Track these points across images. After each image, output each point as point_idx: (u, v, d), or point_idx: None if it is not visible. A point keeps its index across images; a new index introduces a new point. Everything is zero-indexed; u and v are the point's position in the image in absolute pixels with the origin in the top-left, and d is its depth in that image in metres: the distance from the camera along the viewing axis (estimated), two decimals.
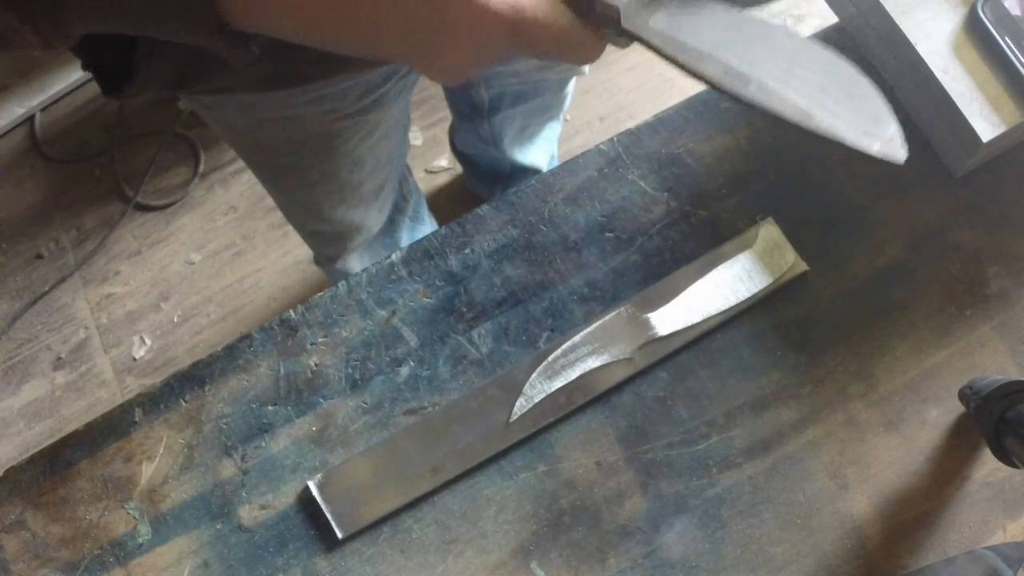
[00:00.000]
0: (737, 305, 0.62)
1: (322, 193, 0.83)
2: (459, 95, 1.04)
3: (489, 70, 0.37)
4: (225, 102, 0.67)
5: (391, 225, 1.06)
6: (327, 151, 0.75)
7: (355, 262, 1.03)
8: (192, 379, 0.61)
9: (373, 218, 0.94)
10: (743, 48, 0.35)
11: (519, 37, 0.36)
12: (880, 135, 0.34)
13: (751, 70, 0.35)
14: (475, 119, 1.07)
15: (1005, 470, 0.60)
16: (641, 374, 0.61)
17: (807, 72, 0.35)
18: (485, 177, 1.33)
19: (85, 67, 0.47)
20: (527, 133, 1.16)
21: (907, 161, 0.65)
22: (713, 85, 0.35)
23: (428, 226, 1.17)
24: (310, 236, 1.00)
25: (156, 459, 0.60)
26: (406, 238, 1.11)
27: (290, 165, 0.78)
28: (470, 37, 0.36)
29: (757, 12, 0.37)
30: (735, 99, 0.34)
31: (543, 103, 1.05)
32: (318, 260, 1.12)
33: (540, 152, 1.23)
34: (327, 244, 0.99)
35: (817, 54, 0.36)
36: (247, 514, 0.59)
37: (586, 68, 0.97)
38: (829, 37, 0.68)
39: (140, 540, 0.59)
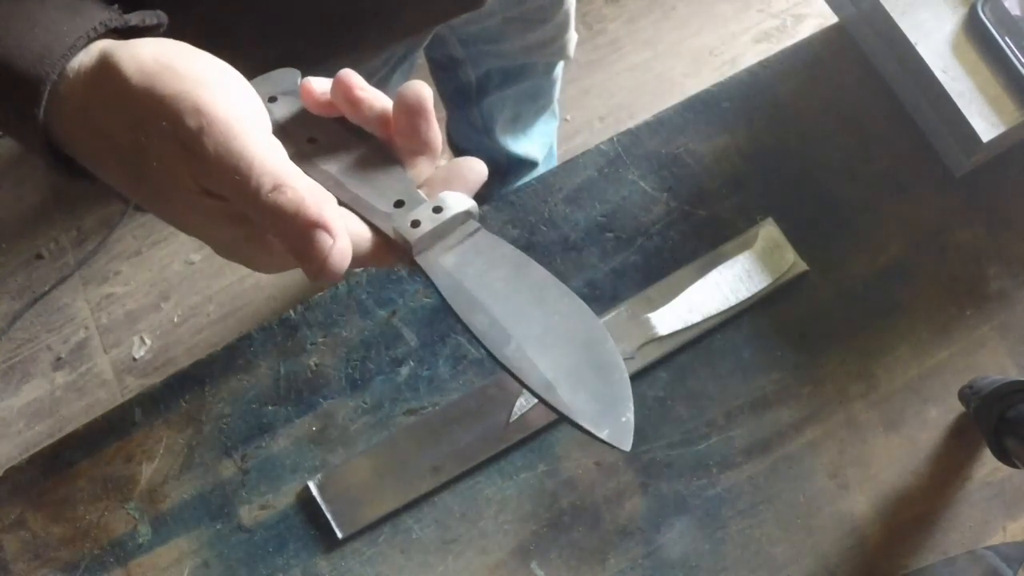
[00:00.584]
0: (737, 305, 0.62)
1: None
2: (446, 79, 1.04)
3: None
4: None
5: None
6: None
7: None
8: (192, 379, 0.61)
9: None
10: (517, 304, 0.36)
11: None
12: (611, 423, 0.34)
13: (515, 330, 0.35)
14: (465, 105, 1.07)
15: (1005, 470, 0.60)
16: (641, 374, 0.61)
17: (566, 344, 0.36)
18: None
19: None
20: (520, 124, 1.16)
21: (907, 161, 0.66)
22: (474, 336, 0.35)
23: None
24: None
25: (156, 459, 0.60)
26: None
27: None
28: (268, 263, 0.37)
29: (541, 269, 0.37)
30: (490, 356, 0.35)
31: (532, 87, 1.05)
32: None
33: (535, 145, 1.23)
34: None
35: (584, 325, 0.36)
36: (247, 514, 0.59)
37: (571, 52, 0.97)
38: (829, 37, 0.68)
39: (140, 540, 0.59)
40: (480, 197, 0.38)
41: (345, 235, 0.33)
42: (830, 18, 0.69)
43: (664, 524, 0.59)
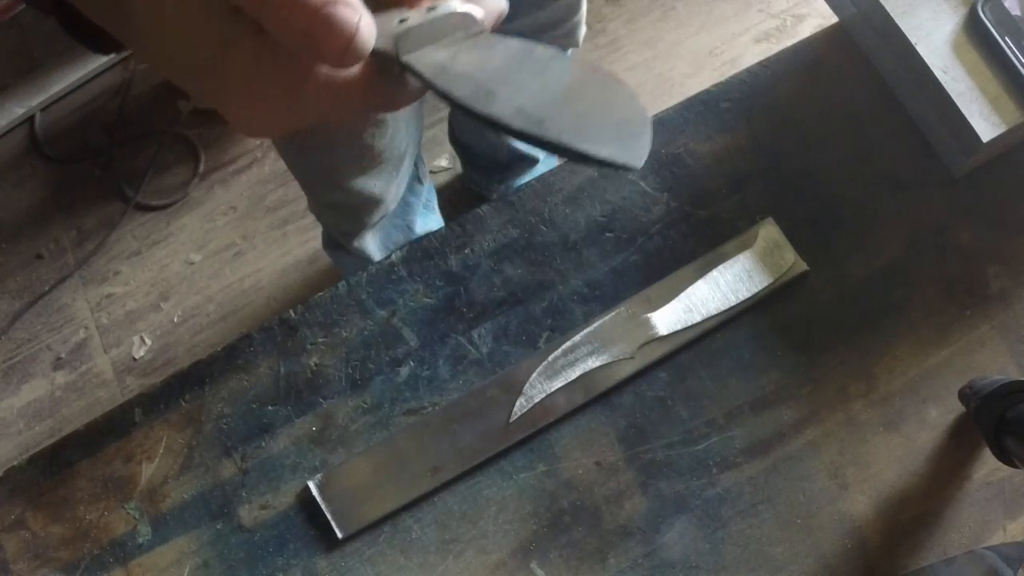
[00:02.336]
0: (737, 305, 0.62)
1: (344, 157, 0.83)
2: None
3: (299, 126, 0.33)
4: None
5: (405, 207, 1.06)
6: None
7: (371, 241, 1.03)
8: (192, 379, 0.61)
9: (391, 192, 0.95)
10: (515, 74, 0.31)
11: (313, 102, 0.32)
12: (621, 142, 0.28)
13: (503, 89, 0.29)
14: None
15: (1005, 470, 0.60)
16: (641, 374, 0.61)
17: (576, 94, 0.30)
18: (483, 168, 1.34)
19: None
20: None
21: (907, 161, 0.66)
22: (458, 104, 0.30)
23: (437, 217, 1.18)
24: (328, 209, 0.99)
25: (156, 459, 0.60)
26: (420, 223, 1.11)
27: (317, 126, 0.79)
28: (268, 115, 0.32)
29: (551, 48, 0.32)
30: (475, 117, 0.29)
31: None
32: (331, 242, 1.11)
33: None
34: (345, 218, 0.99)
35: (599, 80, 0.31)
36: (247, 514, 0.59)
37: (580, 39, 0.97)
38: (829, 37, 0.68)
39: (140, 540, 0.59)
40: (481, 200, 0.37)
41: (367, 11, 0.29)
42: (830, 18, 0.69)
43: (664, 524, 0.59)
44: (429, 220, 1.14)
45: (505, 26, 1.00)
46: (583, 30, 0.95)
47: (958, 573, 0.57)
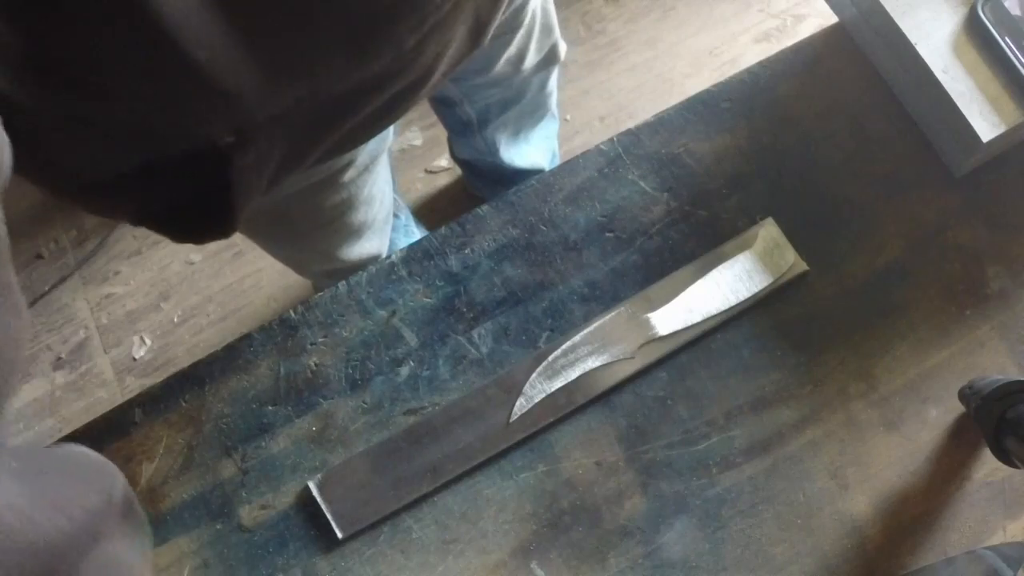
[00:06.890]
0: (737, 305, 0.62)
1: (341, 239, 0.84)
2: (447, 114, 1.05)
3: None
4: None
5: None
6: (347, 204, 0.76)
7: None
8: (192, 379, 0.61)
9: (385, 243, 0.96)
10: None
11: None
12: None
13: None
14: (468, 134, 1.08)
15: (1005, 470, 0.60)
16: (641, 374, 0.61)
17: None
18: (487, 181, 1.33)
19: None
20: (522, 136, 1.16)
21: (907, 161, 0.66)
22: None
23: (420, 235, 1.18)
24: (326, 278, 0.99)
25: (156, 459, 0.60)
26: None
27: (311, 228, 0.79)
28: None
29: None
30: None
31: (531, 104, 1.05)
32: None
33: (539, 152, 1.23)
34: (341, 277, 0.99)
35: None
36: (247, 514, 0.59)
37: (561, 54, 0.95)
38: (829, 37, 0.68)
39: None
40: (481, 201, 0.37)
41: None
42: (830, 18, 0.69)
43: (664, 524, 0.59)
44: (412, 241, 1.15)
45: (486, 77, 0.97)
46: (563, 46, 0.94)
47: (958, 573, 0.57)
